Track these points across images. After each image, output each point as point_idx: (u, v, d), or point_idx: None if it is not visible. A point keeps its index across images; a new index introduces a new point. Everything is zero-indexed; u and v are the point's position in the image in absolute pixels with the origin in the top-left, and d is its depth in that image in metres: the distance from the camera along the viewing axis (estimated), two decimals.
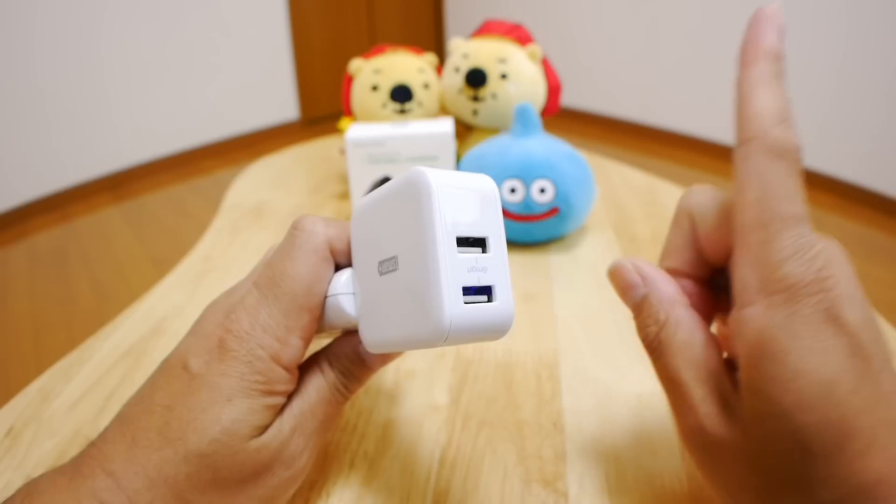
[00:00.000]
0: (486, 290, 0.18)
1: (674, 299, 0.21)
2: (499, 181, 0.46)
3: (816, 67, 2.11)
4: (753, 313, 0.17)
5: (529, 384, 0.33)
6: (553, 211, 0.46)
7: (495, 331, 0.18)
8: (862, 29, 1.95)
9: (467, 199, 0.18)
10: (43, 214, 2.22)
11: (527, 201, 0.46)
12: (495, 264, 0.18)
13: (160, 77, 2.51)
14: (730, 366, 0.20)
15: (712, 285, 0.22)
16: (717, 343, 0.20)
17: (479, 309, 0.18)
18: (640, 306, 0.21)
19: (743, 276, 0.18)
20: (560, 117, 0.60)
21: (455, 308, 0.17)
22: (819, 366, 0.16)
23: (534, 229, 0.47)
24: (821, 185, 2.18)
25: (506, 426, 0.30)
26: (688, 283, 0.22)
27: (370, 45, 3.36)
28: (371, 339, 0.21)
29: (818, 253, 0.17)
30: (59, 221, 2.17)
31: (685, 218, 0.22)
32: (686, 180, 2.28)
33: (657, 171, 2.43)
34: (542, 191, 0.45)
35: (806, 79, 2.15)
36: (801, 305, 0.16)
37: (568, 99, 3.00)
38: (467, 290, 0.17)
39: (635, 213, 0.57)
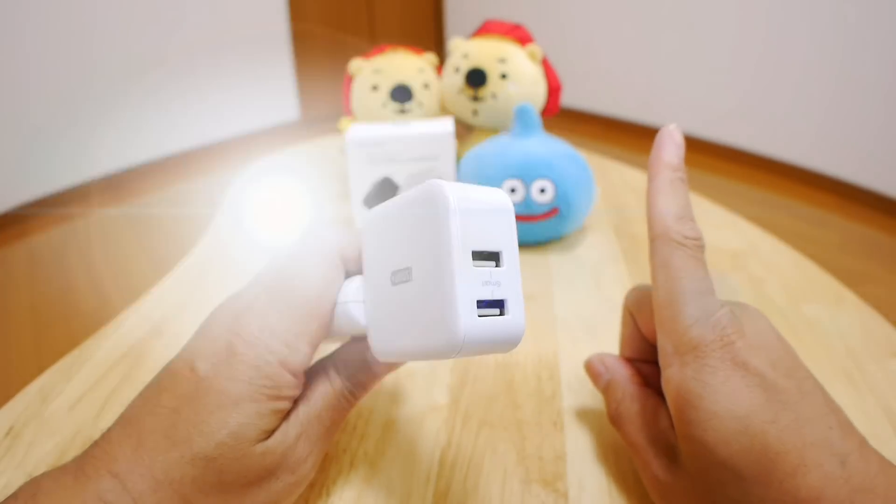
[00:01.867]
0: (499, 304, 0.18)
1: (628, 380, 0.26)
2: (499, 181, 0.46)
3: (817, 68, 2.11)
4: (672, 373, 0.21)
5: (529, 384, 0.33)
6: (553, 211, 0.46)
7: (506, 344, 0.19)
8: (862, 29, 1.95)
9: (482, 213, 0.19)
10: (43, 214, 2.22)
11: (527, 201, 0.46)
12: (508, 278, 0.19)
13: (160, 77, 2.51)
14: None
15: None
16: (663, 410, 0.24)
17: (492, 322, 0.18)
18: (605, 390, 0.27)
19: (662, 345, 0.22)
20: (560, 117, 0.60)
21: (469, 321, 0.17)
22: (731, 405, 0.19)
23: (534, 229, 0.47)
24: (821, 185, 2.18)
25: (506, 426, 0.30)
26: (643, 366, 0.27)
27: (370, 45, 3.35)
28: (381, 347, 0.21)
29: (719, 317, 0.20)
30: (59, 221, 2.17)
31: (627, 315, 0.28)
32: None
33: None
34: (542, 191, 0.45)
35: (806, 79, 2.15)
36: (708, 359, 0.20)
37: (568, 99, 2.99)
38: (481, 304, 0.18)
39: (635, 213, 0.57)
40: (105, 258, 1.88)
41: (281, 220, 0.58)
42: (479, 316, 0.18)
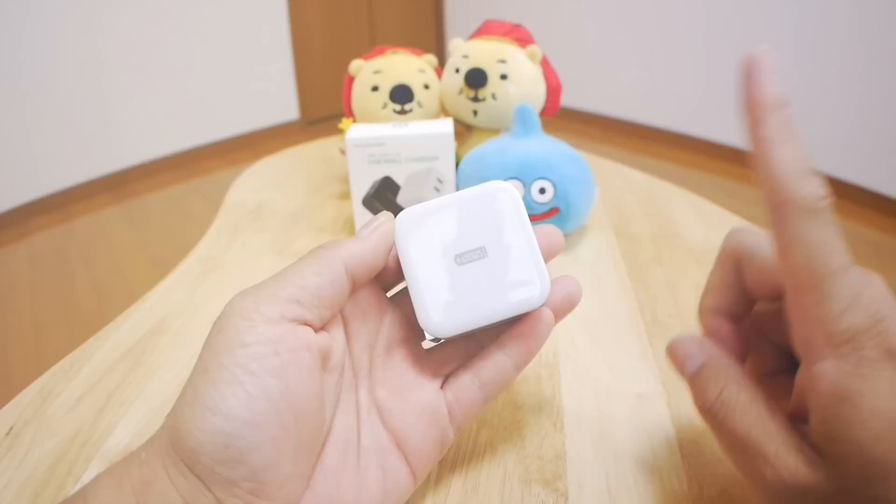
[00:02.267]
0: None
1: (732, 366, 0.22)
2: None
3: (816, 68, 2.11)
4: (825, 367, 0.18)
5: (529, 384, 0.34)
6: (553, 211, 0.46)
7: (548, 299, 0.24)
8: (863, 30, 1.95)
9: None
10: (43, 214, 2.22)
11: (527, 201, 0.46)
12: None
13: (160, 77, 2.51)
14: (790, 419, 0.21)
15: (744, 325, 0.24)
16: (776, 404, 0.21)
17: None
18: (697, 375, 0.22)
19: (805, 335, 0.19)
20: (560, 117, 0.60)
21: (546, 277, 0.23)
22: (888, 400, 0.17)
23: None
24: None
25: (506, 426, 0.30)
26: (724, 323, 0.24)
27: (370, 45, 3.36)
28: (446, 322, 0.23)
29: (869, 299, 0.18)
30: (59, 221, 2.17)
31: (729, 260, 0.23)
32: (686, 180, 2.28)
33: (656, 171, 2.43)
34: (542, 191, 0.45)
35: (806, 79, 2.15)
36: (865, 350, 0.17)
37: (568, 99, 3.00)
38: None
39: (635, 213, 0.57)
40: (105, 258, 1.89)
41: (280, 221, 0.58)
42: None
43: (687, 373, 0.23)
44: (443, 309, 0.23)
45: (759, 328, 0.24)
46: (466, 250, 0.23)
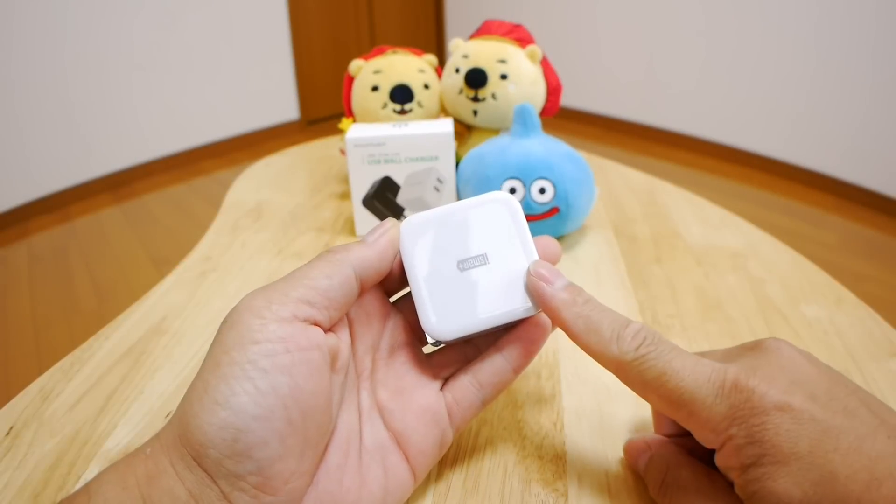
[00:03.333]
0: None
1: (673, 451, 0.25)
2: (498, 181, 0.46)
3: (817, 69, 2.11)
4: (728, 449, 0.20)
5: (529, 384, 0.34)
6: (553, 211, 0.46)
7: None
8: (862, 31, 1.95)
9: None
10: (43, 214, 2.22)
11: (527, 201, 0.46)
12: None
13: (160, 77, 2.51)
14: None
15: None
16: (716, 474, 0.23)
17: None
18: (648, 465, 0.25)
19: (704, 438, 0.21)
20: (560, 117, 0.60)
21: None
22: (792, 449, 0.19)
23: (534, 229, 0.47)
24: (821, 185, 2.18)
25: (506, 426, 0.30)
26: (685, 440, 0.26)
27: (370, 45, 3.36)
28: (445, 326, 0.24)
29: (733, 378, 0.20)
30: (59, 221, 2.17)
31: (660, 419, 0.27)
32: (686, 180, 2.28)
33: (657, 171, 2.43)
34: (542, 191, 0.45)
35: (806, 80, 2.15)
36: (752, 420, 0.20)
37: (568, 99, 3.00)
38: None
39: (635, 213, 0.57)
40: (105, 258, 1.89)
41: (280, 221, 0.58)
42: None
43: (641, 465, 0.26)
44: (444, 313, 0.24)
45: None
46: (468, 257, 0.24)
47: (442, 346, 0.26)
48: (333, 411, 0.22)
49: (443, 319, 0.24)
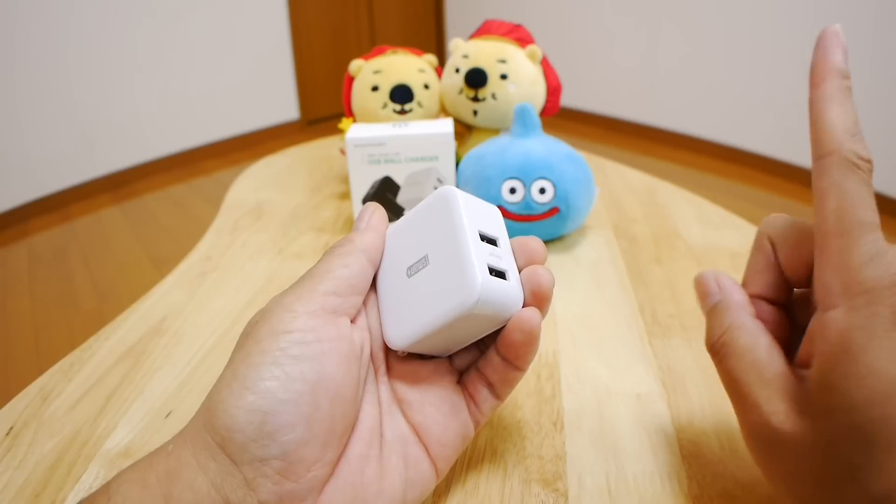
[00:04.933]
0: (502, 273, 0.22)
1: (740, 306, 0.23)
2: (498, 181, 0.46)
3: None
4: (836, 315, 0.18)
5: (529, 384, 0.33)
6: (553, 211, 0.46)
7: (510, 304, 0.22)
8: (860, 30, 1.96)
9: (481, 208, 0.24)
10: (43, 214, 2.22)
11: (527, 201, 0.46)
12: (506, 258, 0.23)
13: (160, 77, 2.51)
14: (796, 371, 0.21)
15: (789, 312, 0.24)
16: (779, 347, 0.21)
17: (499, 283, 0.22)
18: (710, 313, 0.23)
19: (826, 281, 0.19)
20: (560, 117, 0.60)
21: (484, 275, 0.21)
22: (890, 364, 0.17)
23: (534, 229, 0.47)
24: None
25: (506, 426, 0.30)
26: (766, 308, 0.23)
27: (370, 45, 3.36)
28: (398, 334, 0.23)
29: (893, 257, 0.18)
30: (59, 221, 2.17)
31: (765, 242, 0.24)
32: (686, 180, 2.28)
33: (657, 171, 2.43)
34: (542, 191, 0.45)
35: (806, 80, 2.15)
36: (879, 307, 0.17)
37: (568, 99, 3.00)
38: (490, 270, 0.22)
39: (635, 213, 0.57)
40: (105, 258, 1.89)
41: (281, 220, 0.58)
42: (490, 275, 0.21)
43: (704, 308, 0.24)
44: (397, 323, 0.23)
45: (795, 315, 0.24)
46: (413, 262, 0.23)
47: (405, 354, 0.25)
48: (358, 402, 0.22)
49: (396, 329, 0.23)
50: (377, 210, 0.25)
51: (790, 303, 0.24)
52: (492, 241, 0.23)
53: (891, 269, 0.18)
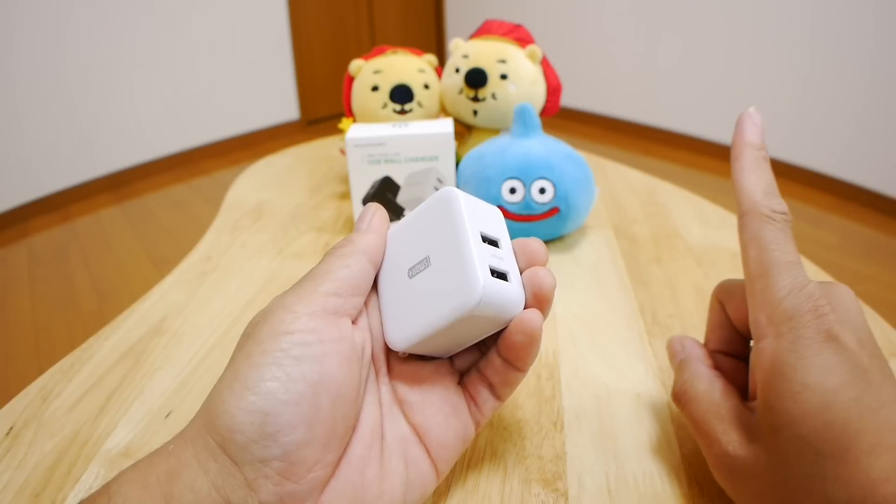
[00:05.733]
0: (503, 275, 0.22)
1: (698, 360, 0.26)
2: (499, 181, 0.46)
3: (815, 68, 2.11)
4: (766, 344, 0.21)
5: (529, 384, 0.33)
6: (553, 211, 0.46)
7: (511, 306, 0.22)
8: (860, 30, 1.95)
9: (483, 210, 0.24)
10: (43, 214, 2.22)
11: (527, 201, 0.46)
12: (508, 259, 0.23)
13: (160, 77, 2.51)
14: (748, 404, 0.24)
15: (746, 362, 0.27)
16: (733, 389, 0.24)
17: (501, 284, 0.22)
18: (676, 369, 0.27)
19: (755, 318, 0.22)
20: (560, 117, 0.60)
21: (485, 276, 0.21)
22: (821, 378, 0.19)
23: (534, 229, 0.47)
24: (821, 185, 2.18)
25: (506, 426, 0.30)
26: (724, 360, 0.27)
27: (370, 45, 3.36)
28: (400, 336, 0.23)
29: (811, 289, 0.21)
30: (59, 221, 2.17)
31: (716, 303, 0.28)
32: (686, 180, 2.28)
33: (657, 171, 2.43)
34: (542, 191, 0.45)
35: (806, 79, 2.15)
36: (803, 330, 0.20)
37: (568, 99, 3.00)
38: (491, 271, 0.22)
39: (635, 213, 0.57)
40: (105, 258, 1.89)
41: (281, 220, 0.58)
42: (491, 276, 0.21)
43: (673, 365, 0.28)
44: (398, 324, 0.23)
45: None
46: (415, 263, 0.23)
47: (406, 355, 0.25)
48: (359, 403, 0.22)
49: (397, 330, 0.23)
50: (378, 211, 0.25)
51: (746, 353, 0.27)
52: (493, 243, 0.23)
53: (811, 298, 0.20)
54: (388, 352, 0.25)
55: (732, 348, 0.27)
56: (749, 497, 0.22)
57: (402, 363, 0.25)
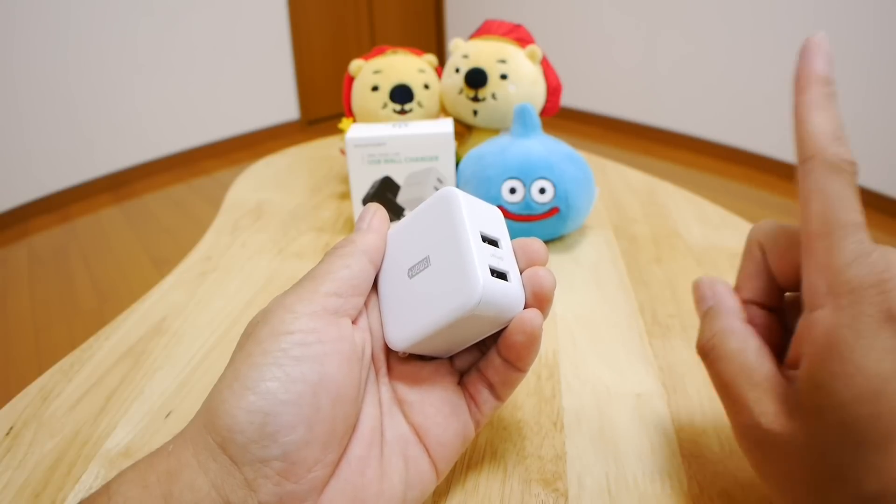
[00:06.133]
0: (503, 274, 0.22)
1: (731, 311, 0.23)
2: (499, 181, 0.46)
3: None
4: (822, 315, 0.19)
5: (529, 384, 0.33)
6: (553, 211, 0.46)
7: (512, 305, 0.22)
8: (860, 30, 1.95)
9: (483, 211, 0.24)
10: (43, 214, 2.22)
11: (527, 201, 0.46)
12: (507, 259, 0.23)
13: (160, 77, 2.51)
14: (785, 371, 0.21)
15: (781, 316, 0.24)
16: (768, 350, 0.22)
17: (501, 284, 0.21)
18: (703, 317, 0.24)
19: (811, 281, 0.19)
20: (560, 117, 0.60)
21: (485, 276, 0.21)
22: (878, 363, 0.17)
23: (534, 229, 0.47)
24: None
25: (506, 426, 0.30)
26: (758, 312, 0.24)
27: (370, 45, 3.36)
28: (399, 335, 0.23)
29: (879, 258, 0.18)
30: (59, 221, 2.17)
31: (755, 247, 0.24)
32: (686, 180, 2.28)
33: (657, 171, 2.42)
34: (542, 191, 0.45)
35: None
36: (865, 306, 0.18)
37: (568, 99, 3.00)
38: (491, 271, 0.22)
39: (635, 213, 0.57)
40: (105, 258, 1.89)
41: (281, 220, 0.58)
42: (491, 276, 0.21)
43: (699, 312, 0.24)
44: (398, 324, 0.23)
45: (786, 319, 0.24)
46: (414, 263, 0.23)
47: (406, 354, 0.25)
48: (359, 403, 0.22)
49: (397, 330, 0.23)
50: (378, 211, 0.25)
51: (782, 307, 0.24)
52: (493, 243, 0.23)
53: (875, 269, 0.18)
54: (388, 352, 0.25)
55: (769, 300, 0.24)
56: (775, 474, 0.20)
57: (402, 363, 0.25)
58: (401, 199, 0.49)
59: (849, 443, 0.18)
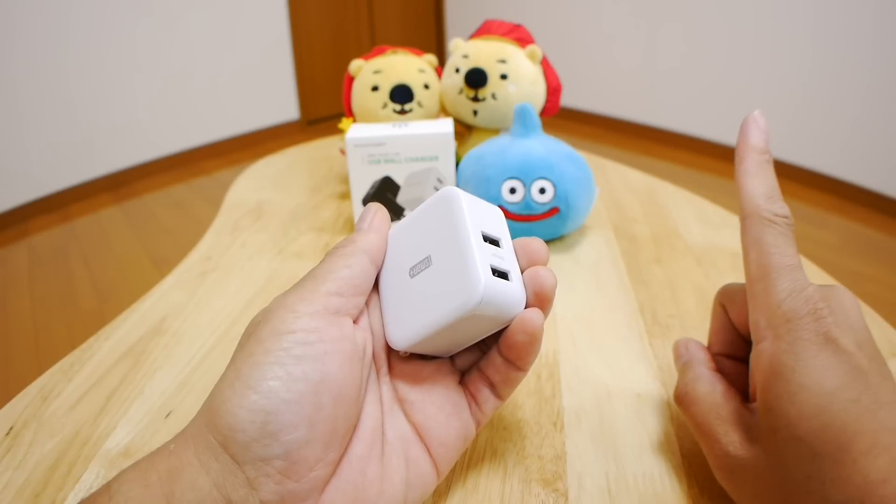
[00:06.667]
0: (504, 274, 0.22)
1: (701, 363, 0.27)
2: (499, 181, 0.46)
3: (816, 68, 2.11)
4: (765, 346, 0.21)
5: (529, 384, 0.34)
6: (553, 211, 0.46)
7: (513, 305, 0.22)
8: (861, 30, 1.95)
9: (484, 211, 0.24)
10: (43, 214, 2.22)
11: (527, 201, 0.46)
12: (509, 259, 0.23)
13: (160, 77, 2.51)
14: (749, 406, 0.24)
15: (747, 364, 0.27)
16: (734, 391, 0.25)
17: (502, 284, 0.22)
18: (680, 371, 0.28)
19: (755, 319, 0.22)
20: (560, 117, 0.60)
21: (486, 275, 0.21)
22: (819, 380, 0.19)
23: (534, 229, 0.47)
24: (821, 185, 2.18)
25: (506, 426, 0.30)
26: (727, 363, 0.27)
27: (370, 45, 3.36)
28: (401, 335, 0.23)
29: (810, 292, 0.21)
30: (59, 221, 2.17)
31: (718, 307, 0.28)
32: (686, 180, 2.28)
33: (657, 171, 2.42)
34: (542, 191, 0.45)
35: (806, 79, 2.15)
36: (802, 332, 0.20)
37: (568, 99, 3.00)
38: (493, 270, 0.22)
39: (635, 213, 0.57)
40: (105, 258, 1.89)
41: (281, 220, 0.58)
42: (493, 276, 0.21)
43: (677, 368, 0.28)
44: (399, 323, 0.23)
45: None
46: (416, 263, 0.23)
47: (408, 354, 0.25)
48: (361, 403, 0.22)
49: (398, 329, 0.23)
50: (379, 210, 0.25)
51: (747, 356, 0.27)
52: (494, 242, 0.23)
53: (810, 301, 0.21)
54: (389, 351, 0.25)
55: (735, 351, 0.27)
56: (750, 497, 0.22)
57: (403, 362, 0.25)
58: (401, 199, 0.49)
59: (805, 457, 0.19)
